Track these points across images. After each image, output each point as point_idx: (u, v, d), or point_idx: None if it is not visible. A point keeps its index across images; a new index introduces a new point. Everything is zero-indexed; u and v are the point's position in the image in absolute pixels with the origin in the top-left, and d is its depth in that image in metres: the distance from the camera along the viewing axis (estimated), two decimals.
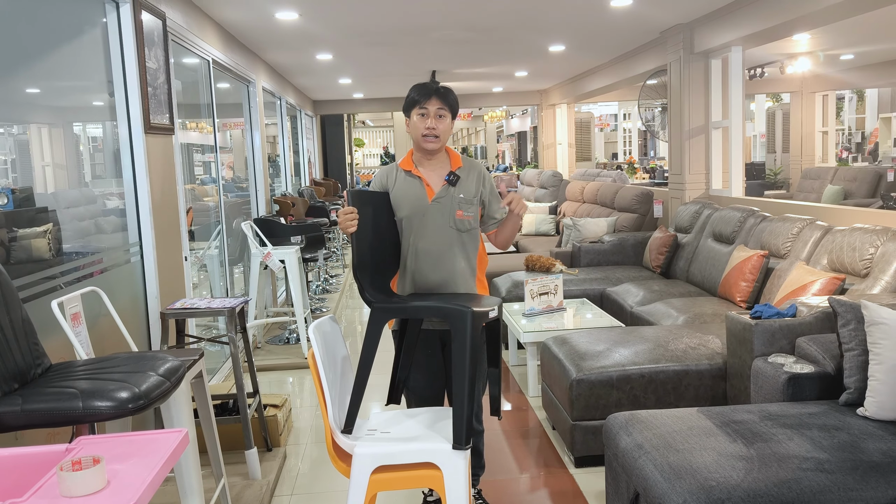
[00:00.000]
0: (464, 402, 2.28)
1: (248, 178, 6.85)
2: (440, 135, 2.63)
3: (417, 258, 2.64)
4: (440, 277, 2.64)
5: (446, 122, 2.64)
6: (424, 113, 2.62)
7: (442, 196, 2.64)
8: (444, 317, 2.45)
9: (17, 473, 1.49)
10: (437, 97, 2.62)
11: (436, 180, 2.67)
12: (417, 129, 2.63)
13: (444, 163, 2.72)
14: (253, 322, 5.30)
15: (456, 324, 2.35)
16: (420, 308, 2.49)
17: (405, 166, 2.71)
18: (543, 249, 7.05)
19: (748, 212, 4.88)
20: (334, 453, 2.37)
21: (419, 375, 2.79)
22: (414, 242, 2.64)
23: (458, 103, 2.68)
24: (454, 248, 2.65)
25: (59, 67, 3.31)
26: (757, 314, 3.08)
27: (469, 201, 2.66)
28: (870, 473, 2.09)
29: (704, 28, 5.88)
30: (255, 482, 3.22)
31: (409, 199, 2.65)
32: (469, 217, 2.67)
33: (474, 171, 2.73)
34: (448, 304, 2.41)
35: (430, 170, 2.70)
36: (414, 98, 2.64)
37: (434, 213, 2.64)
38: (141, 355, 2.11)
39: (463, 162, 2.72)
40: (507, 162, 24.59)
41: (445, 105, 2.63)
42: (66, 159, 3.42)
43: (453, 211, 2.64)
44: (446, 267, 2.64)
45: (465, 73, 9.36)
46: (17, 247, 2.67)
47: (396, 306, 2.51)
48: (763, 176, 12.35)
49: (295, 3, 4.98)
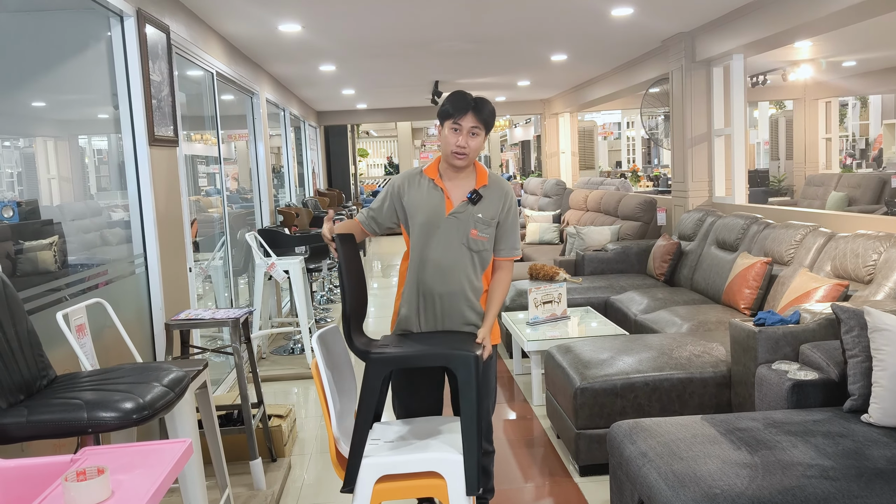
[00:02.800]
0: (474, 449, 2.24)
1: (252, 189, 6.88)
2: (470, 153, 2.54)
3: (425, 269, 2.59)
4: (446, 290, 2.58)
5: (479, 140, 2.54)
6: (457, 129, 2.52)
7: (460, 212, 2.57)
8: (448, 363, 2.37)
9: (23, 484, 1.50)
10: (472, 113, 2.51)
11: (457, 194, 2.60)
12: (448, 143, 2.53)
13: (470, 178, 2.63)
14: (257, 332, 5.31)
15: (461, 370, 2.30)
16: (423, 356, 2.39)
17: (430, 174, 2.63)
18: (547, 258, 7.06)
19: (751, 219, 4.88)
20: (338, 463, 2.37)
21: (411, 391, 2.73)
22: (423, 252, 2.59)
23: (494, 116, 2.57)
24: (465, 265, 2.58)
25: (65, 81, 3.34)
26: (760, 321, 3.07)
27: (486, 222, 2.58)
28: (874, 480, 2.08)
29: (706, 36, 5.90)
30: (260, 493, 3.22)
31: (426, 208, 2.58)
32: (484, 238, 2.59)
33: (500, 192, 2.63)
34: (452, 350, 2.34)
35: (454, 183, 2.61)
36: (448, 110, 2.53)
37: (449, 227, 2.57)
38: (145, 366, 2.13)
39: (490, 180, 2.62)
40: (511, 171, 24.63)
41: (480, 122, 2.52)
42: (71, 172, 3.45)
43: (468, 229, 2.57)
44: (453, 282, 2.58)
45: (468, 84, 9.40)
46: (23, 259, 2.69)
47: (397, 355, 2.38)
48: (767, 183, 12.33)
49: (298, 15, 5.02)
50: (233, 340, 3.15)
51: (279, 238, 5.82)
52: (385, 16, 5.16)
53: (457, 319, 2.62)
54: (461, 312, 2.62)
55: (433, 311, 2.61)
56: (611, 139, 21.79)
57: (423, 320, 2.63)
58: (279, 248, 5.66)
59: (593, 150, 18.58)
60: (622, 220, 7.32)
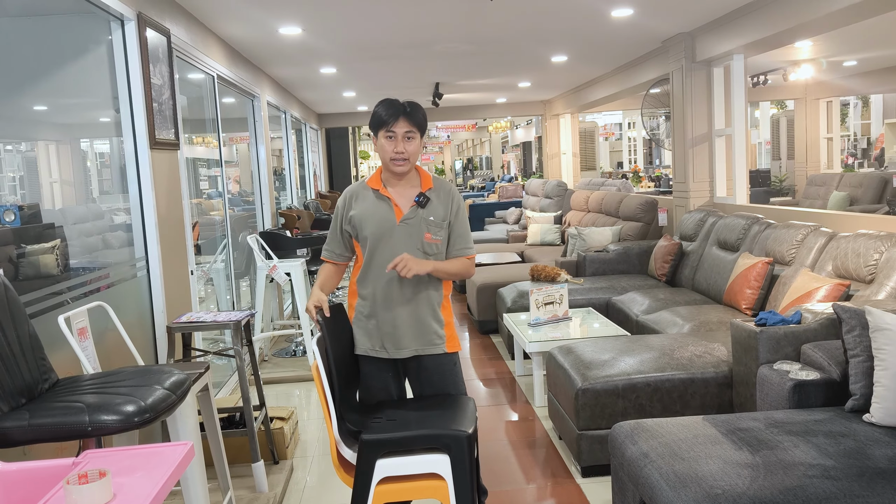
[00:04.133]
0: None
1: (253, 191, 6.89)
2: (409, 157, 2.53)
3: (379, 279, 2.57)
4: (404, 298, 2.57)
5: (415, 144, 2.54)
6: (392, 136, 2.52)
7: (410, 217, 2.56)
8: (440, 444, 2.33)
9: (25, 487, 1.50)
10: (405, 118, 2.51)
11: (404, 202, 2.59)
12: (386, 151, 2.53)
13: (415, 183, 2.63)
14: (259, 335, 5.32)
15: (454, 451, 2.30)
16: (417, 438, 2.34)
17: (373, 185, 2.61)
18: (549, 259, 7.06)
19: (752, 219, 4.88)
20: (339, 466, 2.37)
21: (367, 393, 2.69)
22: (376, 262, 2.57)
23: (426, 119, 2.58)
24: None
25: (66, 85, 3.35)
26: (762, 321, 3.07)
27: (438, 224, 2.58)
28: (876, 480, 2.08)
29: (706, 36, 5.90)
30: (262, 495, 3.22)
31: (374, 219, 2.57)
32: (437, 241, 2.58)
33: (446, 193, 2.63)
34: (444, 431, 2.32)
35: (399, 190, 2.60)
36: (381, 118, 2.53)
37: (401, 234, 2.55)
38: (147, 369, 2.13)
39: (434, 183, 2.63)
40: (513, 172, 24.63)
41: (414, 125, 2.52)
42: (73, 175, 3.45)
43: (421, 233, 2.56)
44: (411, 290, 2.57)
45: (469, 85, 9.41)
46: (24, 263, 2.69)
47: (391, 438, 2.33)
48: (768, 183, 12.33)
49: (298, 18, 5.03)
50: (234, 343, 3.16)
51: (281, 240, 5.83)
52: (385, 18, 5.17)
53: (424, 331, 2.60)
54: (425, 322, 2.60)
55: (391, 324, 2.57)
56: (612, 140, 21.78)
57: (385, 340, 2.59)
58: (280, 250, 5.67)
59: (594, 150, 18.58)
60: (623, 221, 7.32)
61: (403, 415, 2.48)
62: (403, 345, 2.59)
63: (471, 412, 2.48)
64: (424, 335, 2.60)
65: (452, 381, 2.67)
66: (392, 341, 2.59)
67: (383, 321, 2.58)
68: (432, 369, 2.64)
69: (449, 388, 2.66)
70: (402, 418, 2.45)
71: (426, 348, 2.61)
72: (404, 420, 2.44)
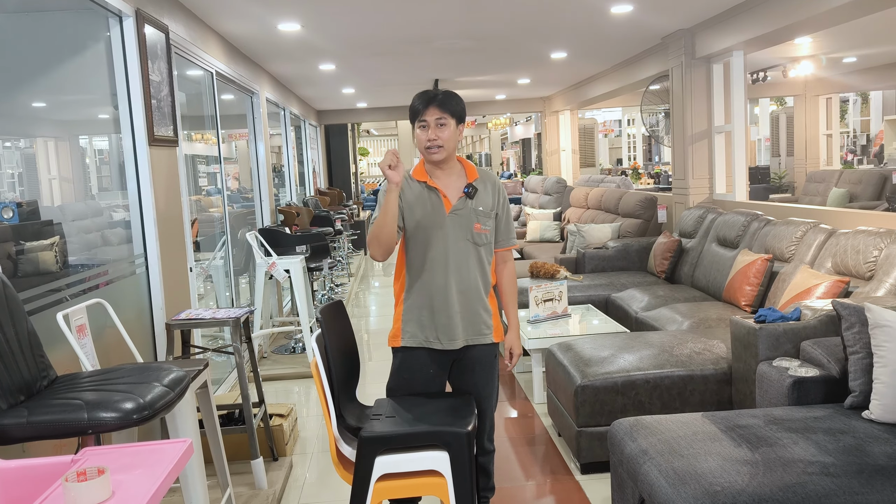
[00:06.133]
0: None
1: (252, 188, 6.88)
2: (444, 144, 2.51)
3: (432, 270, 2.56)
4: (457, 290, 2.56)
5: (449, 131, 2.51)
6: (424, 124, 2.52)
7: (460, 208, 2.56)
8: (439, 441, 2.32)
9: (24, 485, 1.50)
10: (435, 106, 2.50)
11: (452, 192, 2.58)
12: (420, 140, 2.54)
13: (459, 174, 2.62)
14: (258, 332, 5.31)
15: (453, 448, 2.29)
16: (416, 435, 2.34)
17: (418, 176, 2.59)
18: (548, 256, 7.06)
19: (752, 216, 4.88)
20: (339, 462, 2.37)
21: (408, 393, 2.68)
22: (425, 254, 2.56)
23: (462, 107, 2.56)
24: (471, 261, 2.57)
25: (65, 82, 3.34)
26: (761, 318, 3.07)
27: (486, 214, 2.59)
28: (875, 477, 2.08)
29: (705, 33, 5.89)
30: (262, 492, 3.22)
31: (424, 209, 2.55)
32: (486, 231, 2.59)
33: (492, 184, 2.65)
34: (443, 428, 2.32)
35: (444, 181, 2.59)
36: (414, 108, 2.54)
37: (452, 225, 2.55)
38: (146, 366, 2.13)
39: (479, 173, 2.63)
40: (512, 169, 24.63)
41: (446, 112, 2.50)
42: (72, 172, 3.45)
43: (471, 224, 2.56)
44: (467, 278, 2.57)
45: (468, 82, 9.39)
46: (23, 260, 2.69)
47: (390, 435, 2.32)
48: (768, 180, 12.32)
49: (297, 14, 5.02)
50: (234, 340, 3.16)
51: (280, 237, 5.82)
52: (384, 14, 5.16)
53: (475, 321, 2.60)
54: (476, 312, 2.60)
55: (446, 315, 2.55)
56: (611, 136, 21.76)
57: (439, 331, 2.58)
58: (280, 247, 5.66)
59: (594, 147, 18.59)
60: (623, 218, 7.31)
61: (403, 412, 2.48)
62: (456, 335, 2.58)
63: (471, 409, 2.48)
64: (475, 325, 2.61)
65: (491, 374, 2.68)
66: (446, 333, 2.57)
67: (439, 312, 2.56)
68: (477, 359, 2.65)
69: (489, 379, 2.67)
70: (402, 415, 2.45)
71: (476, 338, 2.62)
72: (404, 417, 2.43)
